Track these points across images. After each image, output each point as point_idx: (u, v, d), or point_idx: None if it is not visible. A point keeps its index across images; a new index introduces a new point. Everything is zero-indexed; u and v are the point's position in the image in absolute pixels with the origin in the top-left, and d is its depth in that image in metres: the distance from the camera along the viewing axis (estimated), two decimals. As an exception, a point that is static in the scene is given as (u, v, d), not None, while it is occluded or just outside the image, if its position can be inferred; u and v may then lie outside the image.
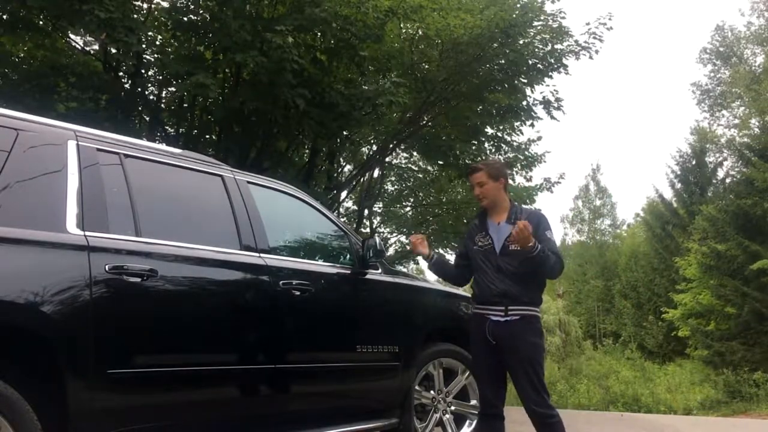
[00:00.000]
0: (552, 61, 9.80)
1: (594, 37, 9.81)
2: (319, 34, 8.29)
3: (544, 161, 12.76)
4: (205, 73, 7.61)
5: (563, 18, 9.74)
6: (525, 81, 10.27)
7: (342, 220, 6.07)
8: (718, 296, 17.40)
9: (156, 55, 9.05)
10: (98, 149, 2.87)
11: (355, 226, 12.81)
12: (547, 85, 10.55)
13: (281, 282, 3.30)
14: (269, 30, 7.41)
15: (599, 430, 6.70)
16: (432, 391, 4.26)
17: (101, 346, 2.54)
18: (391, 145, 11.76)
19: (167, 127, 9.85)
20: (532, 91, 10.70)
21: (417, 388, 4.14)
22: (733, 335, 16.81)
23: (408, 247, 15.54)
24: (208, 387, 3.03)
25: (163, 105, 9.97)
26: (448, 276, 3.85)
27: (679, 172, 25.70)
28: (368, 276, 3.91)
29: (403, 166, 14.62)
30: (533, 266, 3.34)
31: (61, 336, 2.43)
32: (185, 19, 8.32)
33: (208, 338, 3.01)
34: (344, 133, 10.16)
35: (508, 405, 3.61)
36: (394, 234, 15.46)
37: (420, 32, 9.81)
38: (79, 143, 2.80)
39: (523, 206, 3.72)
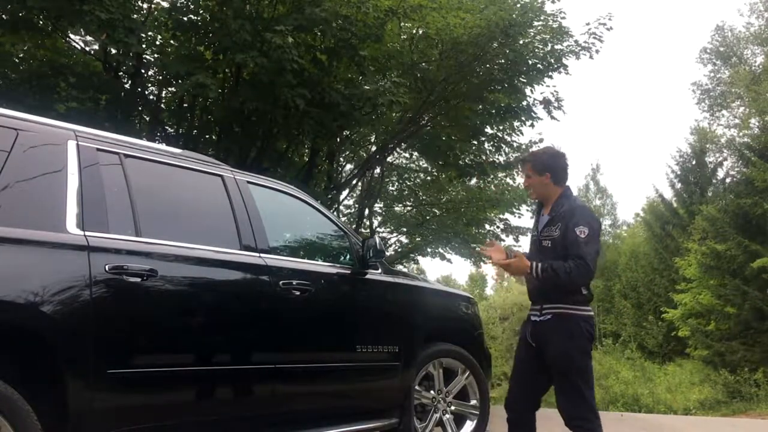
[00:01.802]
0: (552, 61, 9.81)
1: (594, 37, 9.82)
2: (319, 34, 8.28)
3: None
4: (205, 73, 7.61)
5: (563, 18, 9.76)
6: (525, 81, 10.27)
7: (342, 220, 6.07)
8: (718, 296, 17.38)
9: (156, 55, 9.06)
10: (98, 149, 2.87)
11: (355, 226, 12.81)
12: (547, 85, 10.57)
13: (281, 282, 3.30)
14: (269, 30, 7.40)
15: (599, 430, 6.67)
16: (432, 391, 4.26)
17: (101, 346, 2.54)
18: (391, 145, 11.76)
19: (167, 127, 9.85)
20: (532, 91, 10.72)
21: (417, 388, 4.14)
22: (733, 335, 16.80)
23: (408, 247, 15.59)
24: (208, 387, 3.03)
25: (163, 105, 9.97)
26: None
27: (679, 172, 25.68)
28: (368, 276, 3.90)
29: (404, 166, 14.63)
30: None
31: (61, 336, 2.43)
32: (185, 19, 8.32)
33: (208, 338, 3.01)
34: (344, 133, 10.17)
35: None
36: (394, 234, 15.47)
37: (420, 32, 9.81)
38: (79, 143, 2.79)
39: (572, 199, 3.30)
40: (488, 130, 11.76)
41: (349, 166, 13.90)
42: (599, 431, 3.09)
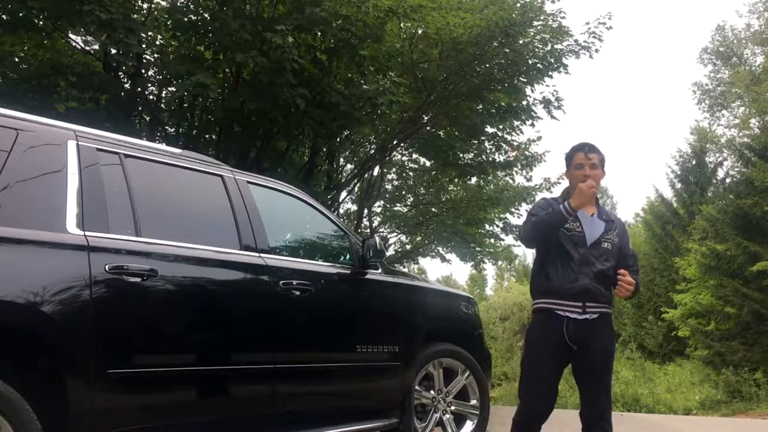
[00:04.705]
0: (552, 60, 9.80)
1: (594, 37, 9.82)
2: (319, 33, 8.29)
3: (545, 161, 12.77)
4: (205, 73, 7.61)
5: (563, 18, 9.75)
6: (525, 80, 10.27)
7: (342, 219, 6.07)
8: (717, 296, 17.37)
9: (156, 55, 9.06)
10: (98, 149, 2.87)
11: (355, 226, 12.81)
12: (547, 85, 10.57)
13: (281, 282, 3.30)
14: (269, 30, 7.41)
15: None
16: (432, 391, 4.26)
17: (101, 346, 2.54)
18: (390, 145, 11.76)
19: (167, 127, 9.85)
20: (532, 91, 10.72)
21: (417, 388, 4.14)
22: (733, 335, 16.78)
23: (407, 247, 15.58)
24: (209, 387, 3.03)
25: (163, 105, 9.96)
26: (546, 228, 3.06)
27: (679, 172, 25.67)
28: (368, 276, 3.90)
29: (404, 165, 14.62)
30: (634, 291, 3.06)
31: (61, 336, 2.43)
32: (185, 19, 8.32)
33: (208, 338, 3.01)
34: (344, 132, 10.17)
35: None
36: (394, 234, 15.46)
37: (420, 32, 9.81)
38: (79, 143, 2.79)
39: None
40: (488, 129, 11.76)
41: (349, 166, 13.91)
42: None
